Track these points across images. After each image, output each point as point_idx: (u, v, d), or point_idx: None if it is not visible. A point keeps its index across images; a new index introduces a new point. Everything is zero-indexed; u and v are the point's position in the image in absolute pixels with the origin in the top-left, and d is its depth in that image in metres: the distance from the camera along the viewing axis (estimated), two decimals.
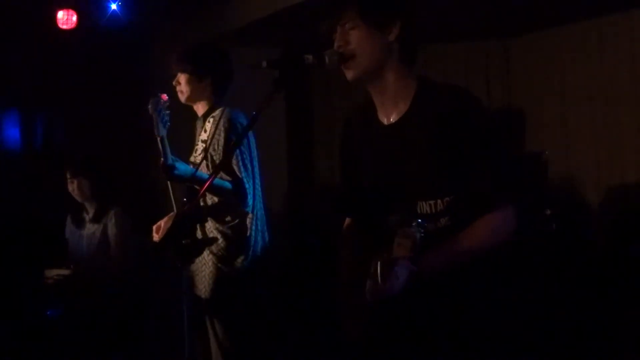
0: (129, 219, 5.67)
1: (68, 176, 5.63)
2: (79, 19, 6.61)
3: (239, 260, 4.17)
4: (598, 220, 6.06)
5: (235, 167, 4.10)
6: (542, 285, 5.22)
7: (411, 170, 2.66)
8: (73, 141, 6.94)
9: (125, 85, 7.22)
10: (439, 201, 2.62)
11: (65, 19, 6.60)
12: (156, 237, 4.28)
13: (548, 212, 5.53)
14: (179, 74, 4.37)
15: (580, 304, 5.25)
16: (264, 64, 3.43)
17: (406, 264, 2.41)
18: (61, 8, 6.58)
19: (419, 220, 2.50)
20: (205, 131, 4.32)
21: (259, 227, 4.26)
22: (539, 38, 6.92)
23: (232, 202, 4.14)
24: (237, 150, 4.11)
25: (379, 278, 2.36)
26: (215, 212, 4.23)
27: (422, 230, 2.47)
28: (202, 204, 4.26)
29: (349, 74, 2.71)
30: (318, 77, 7.60)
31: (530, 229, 5.40)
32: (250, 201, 4.16)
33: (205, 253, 4.22)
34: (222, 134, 4.14)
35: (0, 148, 6.99)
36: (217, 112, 4.28)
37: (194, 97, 4.36)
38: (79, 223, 5.70)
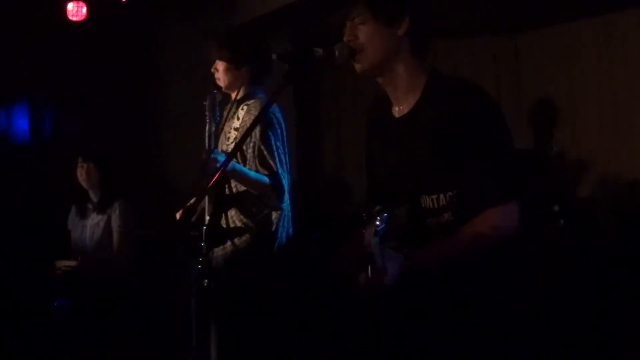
0: (133, 210, 5.67)
1: (80, 160, 5.65)
2: (88, 10, 6.62)
3: (261, 255, 4.14)
4: (606, 217, 6.05)
5: (271, 162, 4.04)
6: (549, 281, 5.22)
7: (416, 164, 2.67)
8: (81, 133, 6.95)
9: (134, 78, 7.22)
10: (441, 196, 2.62)
11: (75, 10, 6.61)
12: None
13: (556, 208, 5.53)
14: (217, 61, 4.31)
15: (588, 300, 5.25)
16: (274, 57, 3.43)
17: (396, 257, 2.42)
18: (71, 0, 6.59)
19: (384, 215, 2.48)
20: (237, 118, 4.23)
21: (285, 224, 4.21)
22: (548, 34, 6.91)
23: (269, 198, 4.09)
24: (274, 145, 4.07)
25: (369, 272, 2.37)
26: (240, 202, 4.17)
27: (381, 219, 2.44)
28: (226, 191, 4.20)
29: (359, 68, 2.72)
30: (327, 72, 7.60)
31: (537, 225, 5.39)
32: (286, 197, 4.13)
33: (228, 244, 4.18)
34: (258, 128, 4.05)
35: (9, 140, 7.00)
36: (252, 102, 4.20)
37: (231, 84, 4.29)
38: (83, 213, 5.71)
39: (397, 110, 2.77)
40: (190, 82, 7.17)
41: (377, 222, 2.37)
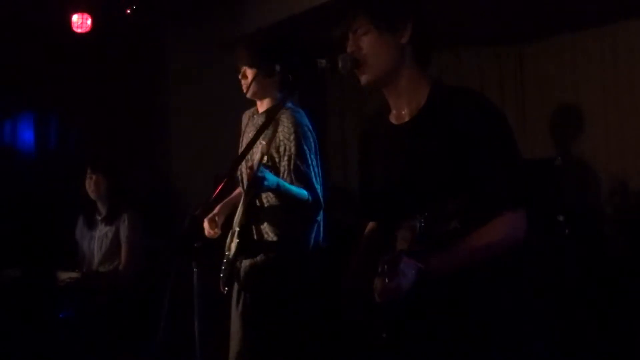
0: (141, 222, 5.68)
1: (88, 171, 5.65)
2: (93, 22, 6.64)
3: (292, 267, 4.07)
4: (611, 226, 6.04)
5: (308, 176, 3.98)
6: (555, 290, 5.21)
7: (422, 171, 2.66)
8: (87, 144, 6.96)
9: (139, 89, 7.24)
10: (448, 203, 2.61)
11: (80, 22, 6.62)
12: (207, 228, 4.21)
13: (561, 218, 5.52)
14: (246, 68, 4.12)
15: (593, 310, 5.24)
16: (278, 67, 3.42)
17: (412, 262, 2.41)
18: (76, 12, 6.61)
19: (425, 214, 2.50)
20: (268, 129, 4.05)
21: (318, 237, 4.14)
22: (553, 44, 6.91)
23: (306, 211, 4.01)
24: (309, 158, 3.99)
25: (386, 277, 2.36)
26: (273, 215, 4.08)
27: (422, 220, 2.46)
28: (257, 204, 4.11)
29: (363, 79, 2.72)
30: (332, 87, 7.61)
31: (542, 235, 5.39)
32: (322, 214, 4.07)
33: (259, 257, 4.10)
34: (293, 140, 3.93)
35: (14, 150, 7.02)
36: (282, 113, 4.03)
37: (261, 93, 4.14)
38: (91, 224, 5.72)
39: (397, 117, 2.77)
40: (197, 92, 7.19)
41: (419, 222, 2.39)
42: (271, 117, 3.71)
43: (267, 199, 4.09)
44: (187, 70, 7.30)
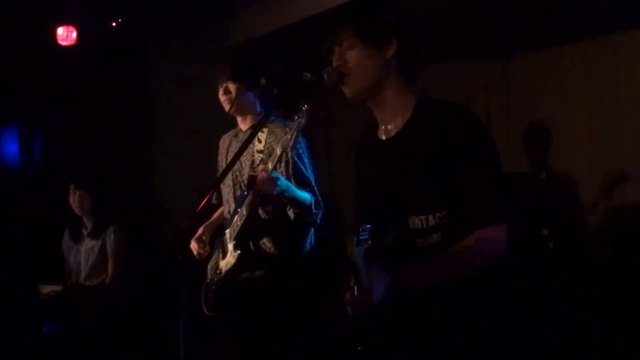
0: (127, 235, 5.67)
1: (71, 187, 5.64)
2: (78, 35, 6.62)
3: (288, 274, 4.08)
4: (596, 241, 6.05)
5: (308, 179, 4.04)
6: (540, 305, 5.21)
7: (405, 185, 2.66)
8: (71, 157, 6.94)
9: (124, 102, 7.22)
10: (430, 216, 2.61)
11: (65, 35, 6.61)
12: (198, 250, 4.22)
13: (545, 232, 5.52)
14: (228, 83, 4.13)
15: (577, 324, 5.24)
16: (263, 81, 3.42)
17: (382, 276, 2.42)
18: (61, 24, 6.60)
19: (368, 226, 2.49)
20: (259, 141, 4.10)
21: (314, 243, 4.18)
22: (538, 57, 6.93)
23: (309, 216, 4.03)
24: (307, 162, 4.06)
25: (356, 290, 2.37)
26: (273, 228, 4.10)
27: (368, 227, 2.46)
28: (257, 216, 4.10)
29: (348, 92, 2.73)
30: (318, 101, 7.61)
31: (527, 249, 5.39)
32: (321, 214, 4.09)
33: (259, 271, 4.10)
34: (290, 152, 3.90)
35: None
36: (271, 124, 4.08)
37: (244, 108, 4.17)
38: (77, 238, 5.70)
39: (384, 132, 2.78)
40: (182, 106, 7.18)
41: (361, 232, 2.38)
42: (258, 129, 3.73)
43: (265, 214, 4.08)
44: (172, 84, 7.29)
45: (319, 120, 8.00)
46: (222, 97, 4.18)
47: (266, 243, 4.11)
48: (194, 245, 4.24)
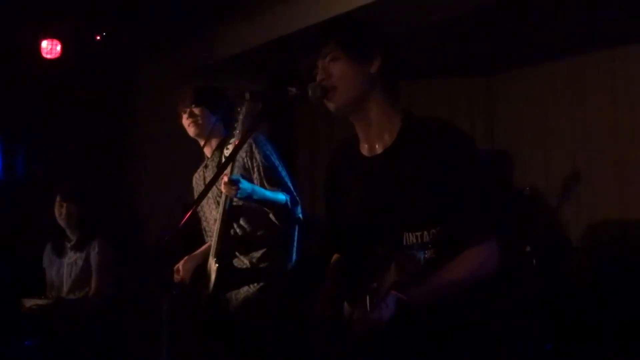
0: (111, 249, 5.64)
1: (58, 199, 5.61)
2: (63, 48, 6.62)
3: (269, 287, 4.06)
4: (578, 257, 6.08)
5: (279, 176, 4.01)
6: (522, 320, 5.22)
7: (398, 201, 2.65)
8: (55, 171, 6.91)
9: (109, 116, 7.21)
10: (425, 233, 2.60)
11: (50, 48, 6.60)
12: (177, 278, 4.18)
13: (528, 248, 5.54)
14: (193, 107, 4.18)
15: (560, 339, 5.25)
16: (247, 96, 3.41)
17: (394, 294, 2.40)
18: (45, 37, 6.59)
19: (419, 244, 2.51)
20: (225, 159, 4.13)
21: (294, 257, 4.17)
22: (522, 75, 6.97)
23: (286, 216, 4.01)
24: (276, 161, 4.04)
25: (368, 307, 2.35)
26: (246, 245, 4.10)
27: (426, 252, 2.43)
28: (232, 233, 4.09)
29: (332, 106, 2.71)
30: (303, 109, 7.63)
31: (511, 265, 5.40)
32: (300, 209, 4.07)
33: (244, 288, 4.09)
34: (255, 151, 3.98)
35: None
36: (233, 140, 4.01)
37: (209, 130, 4.18)
38: (60, 251, 5.67)
39: (368, 149, 2.76)
40: (166, 119, 7.16)
41: (424, 255, 2.35)
42: (243, 142, 3.70)
43: (239, 228, 4.09)
44: (157, 96, 7.28)
45: (303, 137, 8.02)
46: (186, 122, 4.23)
47: (242, 259, 4.11)
48: (176, 276, 4.23)
